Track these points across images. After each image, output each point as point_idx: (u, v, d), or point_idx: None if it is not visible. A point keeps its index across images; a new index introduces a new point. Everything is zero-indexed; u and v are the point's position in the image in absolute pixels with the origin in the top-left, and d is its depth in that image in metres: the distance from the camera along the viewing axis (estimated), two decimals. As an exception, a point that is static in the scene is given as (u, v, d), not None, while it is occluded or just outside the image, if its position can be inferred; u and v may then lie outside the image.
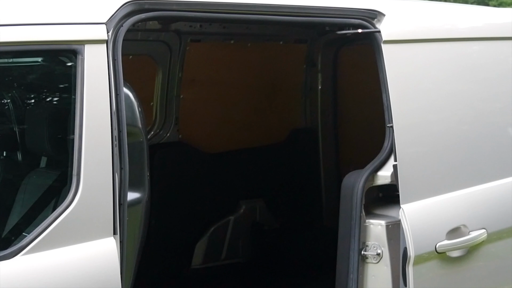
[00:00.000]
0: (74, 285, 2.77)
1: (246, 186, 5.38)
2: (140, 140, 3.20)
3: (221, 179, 5.27)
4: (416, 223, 3.43)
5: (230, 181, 5.30)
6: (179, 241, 5.16)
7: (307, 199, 5.57)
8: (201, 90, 5.18)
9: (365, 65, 4.24)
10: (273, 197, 5.49)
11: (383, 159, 3.61)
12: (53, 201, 3.08)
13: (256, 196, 5.46)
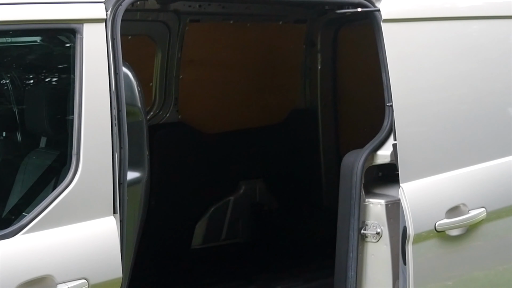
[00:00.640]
0: (74, 264, 2.77)
1: (246, 166, 5.38)
2: (139, 120, 3.20)
3: (220, 159, 5.27)
4: (415, 202, 3.43)
5: (229, 161, 5.30)
6: (179, 222, 5.17)
7: (306, 179, 5.58)
8: (200, 71, 5.16)
9: (365, 45, 4.23)
10: (272, 178, 5.50)
11: (382, 138, 3.61)
12: (53, 180, 3.08)
13: (256, 176, 5.47)
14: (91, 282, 2.78)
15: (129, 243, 3.06)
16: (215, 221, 5.33)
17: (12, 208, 3.18)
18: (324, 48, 5.54)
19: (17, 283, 2.65)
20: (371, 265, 3.67)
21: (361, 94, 5.33)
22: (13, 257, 2.69)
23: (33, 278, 2.68)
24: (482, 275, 3.81)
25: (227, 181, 5.36)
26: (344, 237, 3.66)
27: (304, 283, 4.71)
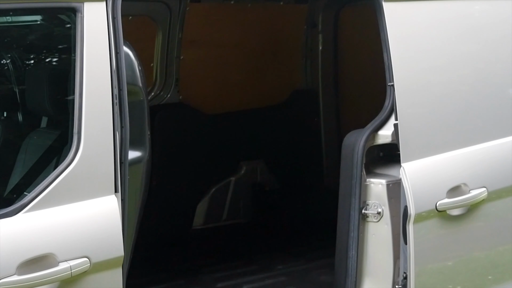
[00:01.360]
0: (75, 243, 2.78)
1: (247, 147, 5.39)
2: (140, 99, 3.20)
3: (221, 140, 5.28)
4: (416, 182, 3.43)
5: (230, 142, 5.31)
6: (180, 202, 5.18)
7: (307, 160, 5.58)
8: (201, 51, 5.16)
9: (366, 25, 4.22)
10: (273, 158, 5.50)
11: (384, 118, 3.60)
12: (54, 160, 3.09)
13: (257, 157, 5.47)
14: (92, 260, 2.78)
15: (131, 222, 3.06)
16: (216, 202, 5.34)
17: (14, 188, 3.19)
18: (325, 29, 5.53)
19: (19, 261, 2.66)
20: (372, 245, 3.68)
21: (362, 74, 5.33)
22: (14, 235, 2.69)
23: (35, 256, 2.69)
24: (483, 255, 3.82)
25: (228, 161, 5.36)
26: (345, 217, 3.67)
27: (305, 262, 4.73)
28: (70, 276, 2.73)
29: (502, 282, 3.88)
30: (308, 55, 5.60)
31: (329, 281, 4.04)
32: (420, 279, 3.49)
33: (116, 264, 2.87)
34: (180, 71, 5.09)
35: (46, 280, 2.70)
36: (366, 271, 3.70)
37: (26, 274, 2.66)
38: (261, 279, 4.49)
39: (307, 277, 4.49)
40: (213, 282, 4.46)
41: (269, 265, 4.72)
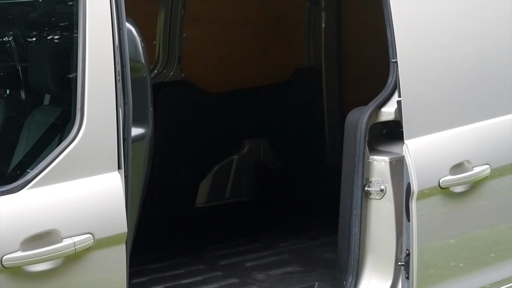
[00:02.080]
0: (79, 219, 2.78)
1: (250, 125, 5.39)
2: (143, 76, 3.19)
3: (224, 118, 5.27)
4: (419, 159, 3.43)
5: (233, 120, 5.30)
6: (183, 180, 5.18)
7: (310, 138, 5.58)
8: (203, 29, 5.14)
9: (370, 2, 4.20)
10: (276, 136, 5.50)
11: (387, 95, 3.60)
12: (58, 136, 3.08)
13: (260, 135, 5.47)
14: (96, 237, 2.79)
15: (134, 199, 3.06)
16: (219, 180, 5.34)
17: (17, 165, 3.19)
18: (328, 6, 5.51)
19: (23, 237, 2.67)
20: (375, 222, 3.68)
21: (365, 52, 5.31)
22: (18, 211, 2.70)
23: (39, 232, 2.70)
24: (485, 232, 3.82)
25: (231, 140, 5.36)
26: (348, 194, 3.68)
27: (308, 240, 4.74)
28: (74, 252, 2.74)
29: (504, 259, 3.89)
30: (311, 33, 5.58)
31: (332, 258, 4.05)
32: (423, 256, 3.49)
33: (120, 240, 2.88)
34: (182, 49, 5.08)
35: (50, 256, 2.71)
36: (368, 248, 3.71)
37: (30, 250, 2.67)
38: (264, 256, 4.51)
39: (310, 255, 4.50)
40: (216, 259, 4.47)
41: (272, 243, 4.73)
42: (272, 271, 4.27)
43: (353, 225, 3.66)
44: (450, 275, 3.68)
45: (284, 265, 4.35)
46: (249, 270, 4.29)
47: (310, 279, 4.03)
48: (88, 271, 2.83)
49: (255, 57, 5.37)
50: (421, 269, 3.48)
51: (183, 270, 4.29)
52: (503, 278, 3.85)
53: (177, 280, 4.13)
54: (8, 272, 2.66)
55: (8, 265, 2.64)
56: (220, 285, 4.07)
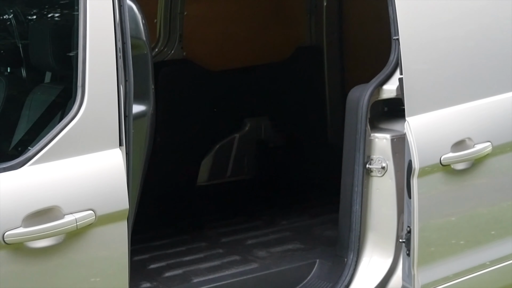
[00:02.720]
0: (81, 195, 2.79)
1: (251, 103, 5.38)
2: (144, 53, 3.18)
3: (225, 96, 5.27)
4: (421, 136, 3.42)
5: (234, 98, 5.30)
6: (184, 159, 5.19)
7: (312, 116, 5.58)
8: (205, 7, 5.13)
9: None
10: (278, 115, 5.50)
11: (388, 73, 3.59)
12: (59, 113, 3.08)
13: (261, 113, 5.47)
14: (98, 213, 2.80)
15: (135, 176, 3.07)
16: (220, 158, 5.35)
17: (18, 142, 3.19)
18: (330, -16, 5.49)
19: (25, 213, 2.67)
20: (376, 199, 3.69)
21: (367, 30, 5.29)
22: (20, 188, 2.70)
23: (40, 208, 2.70)
24: (486, 210, 3.83)
25: (232, 118, 5.36)
26: (349, 171, 3.68)
27: (309, 218, 4.75)
28: (76, 229, 2.75)
29: (505, 237, 3.89)
30: (313, 11, 5.56)
31: (333, 236, 4.06)
32: (424, 233, 3.50)
33: (121, 217, 2.88)
34: (183, 27, 5.06)
35: (52, 233, 2.71)
36: (370, 226, 3.72)
37: (31, 226, 2.67)
38: (265, 234, 4.52)
39: (311, 232, 4.51)
40: (217, 237, 4.49)
41: (273, 220, 4.75)
42: (273, 249, 4.28)
43: (354, 202, 3.67)
44: (451, 252, 3.69)
45: (285, 243, 4.37)
46: (251, 247, 4.31)
47: (311, 256, 4.04)
48: (90, 247, 2.84)
49: (257, 36, 5.36)
50: (422, 246, 3.49)
51: (184, 248, 4.31)
52: (503, 255, 3.86)
53: (179, 258, 4.14)
54: (10, 248, 2.66)
55: (10, 241, 2.65)
56: (221, 262, 4.09)
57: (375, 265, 3.71)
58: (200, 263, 4.08)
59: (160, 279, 3.87)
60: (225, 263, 4.07)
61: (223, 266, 4.02)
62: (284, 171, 5.44)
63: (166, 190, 5.03)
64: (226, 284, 3.73)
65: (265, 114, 5.47)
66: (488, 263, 3.80)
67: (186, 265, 4.04)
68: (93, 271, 2.88)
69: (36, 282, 2.76)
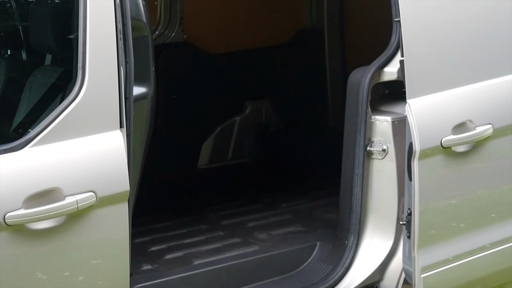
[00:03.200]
0: (81, 177, 2.79)
1: (252, 87, 5.38)
2: (144, 35, 3.17)
3: (226, 79, 5.26)
4: (422, 118, 3.42)
5: (235, 81, 5.29)
6: (185, 142, 5.19)
7: (312, 99, 5.57)
8: (205, -10, 5.12)
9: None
10: (279, 98, 5.49)
11: (390, 55, 3.59)
12: (59, 95, 3.08)
13: (262, 97, 5.46)
14: (98, 195, 2.80)
15: (136, 158, 3.07)
16: (221, 141, 5.35)
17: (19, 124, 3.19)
18: (331, -34, 5.47)
19: (26, 195, 2.68)
20: (377, 182, 3.69)
21: (368, 12, 5.27)
22: (21, 169, 2.70)
23: (41, 190, 2.70)
24: (486, 193, 3.83)
25: (233, 101, 5.35)
26: (350, 154, 3.68)
27: (310, 201, 4.75)
28: (77, 210, 2.75)
29: (505, 220, 3.90)
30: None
31: (334, 218, 4.07)
32: (424, 216, 3.50)
33: (122, 198, 2.88)
34: (184, 9, 5.05)
35: (53, 214, 2.72)
36: (370, 208, 3.73)
37: (32, 208, 2.68)
38: (266, 216, 4.52)
39: (312, 215, 4.52)
40: (218, 219, 4.50)
41: (273, 203, 4.75)
42: (274, 231, 4.29)
43: (355, 185, 3.67)
44: (451, 235, 3.70)
45: (286, 225, 4.38)
46: (251, 230, 4.31)
47: (311, 238, 4.05)
48: (91, 229, 2.85)
49: (257, 18, 5.34)
50: (423, 229, 3.49)
51: (185, 230, 4.31)
52: (503, 238, 3.87)
53: (180, 240, 4.15)
54: (11, 230, 2.67)
55: (11, 223, 2.65)
56: (222, 244, 4.09)
57: (375, 248, 3.72)
58: (201, 245, 4.08)
59: (161, 261, 3.88)
60: (226, 246, 4.08)
61: (223, 249, 4.03)
62: (284, 154, 5.44)
63: (167, 173, 5.03)
64: (227, 266, 3.74)
65: (266, 97, 5.47)
66: (488, 245, 3.81)
67: (187, 248, 4.05)
68: (94, 253, 2.89)
69: (37, 263, 2.77)
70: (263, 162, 5.44)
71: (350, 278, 3.70)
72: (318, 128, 5.53)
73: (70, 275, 2.84)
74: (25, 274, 2.75)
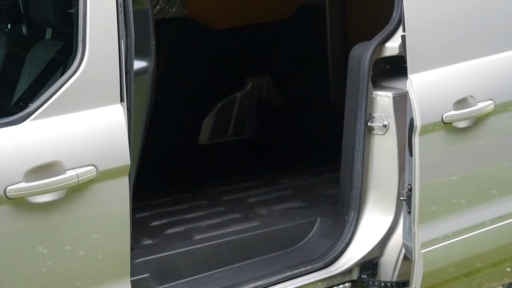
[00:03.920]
0: (82, 151, 2.79)
1: (253, 62, 5.36)
2: (145, 8, 3.16)
3: (227, 55, 5.25)
4: (423, 94, 3.40)
5: (236, 57, 5.28)
6: (185, 117, 5.19)
7: (313, 75, 5.56)
8: (206, -37, 5.09)
9: None
10: (279, 74, 5.48)
11: (391, 30, 3.57)
12: (60, 70, 3.07)
13: (263, 72, 5.45)
14: (99, 169, 2.80)
15: (137, 132, 3.07)
16: (222, 117, 5.34)
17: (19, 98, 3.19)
18: None
19: (26, 168, 2.67)
20: (378, 158, 3.69)
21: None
22: (21, 143, 2.70)
23: (42, 163, 2.70)
24: (487, 170, 3.82)
25: (234, 77, 5.34)
26: (351, 129, 3.68)
27: (310, 177, 4.75)
28: (77, 184, 2.75)
29: (505, 196, 3.90)
30: (315, -32, 5.52)
31: (334, 194, 4.07)
32: (425, 192, 3.50)
33: (123, 172, 2.88)
34: (185, -16, 5.03)
35: (53, 188, 2.72)
36: (371, 184, 3.73)
37: (33, 181, 2.68)
38: (266, 192, 4.53)
39: (312, 191, 4.52)
40: (219, 195, 4.50)
41: (274, 179, 4.75)
42: (274, 207, 4.29)
43: (356, 160, 3.67)
44: (452, 211, 3.70)
45: (287, 201, 4.38)
46: (252, 205, 4.32)
47: (312, 214, 4.05)
48: (92, 203, 2.85)
49: (258, -6, 5.32)
50: (423, 205, 3.49)
51: (186, 205, 4.32)
52: (503, 214, 3.87)
53: (180, 215, 4.16)
54: (12, 203, 2.67)
55: (11, 196, 2.65)
56: (222, 220, 4.10)
57: (375, 223, 3.73)
58: (201, 220, 4.09)
59: (161, 236, 3.89)
60: (226, 221, 4.08)
61: (224, 224, 4.04)
62: (285, 130, 5.44)
63: (167, 148, 5.04)
64: (227, 241, 3.75)
65: (267, 73, 5.46)
66: (488, 222, 3.81)
67: (188, 223, 4.05)
68: (95, 227, 2.89)
69: (37, 237, 2.77)
70: (264, 138, 5.44)
71: (350, 254, 3.71)
72: (319, 104, 5.52)
73: (71, 249, 2.85)
74: (25, 248, 2.76)
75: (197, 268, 3.59)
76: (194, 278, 3.56)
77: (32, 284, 2.79)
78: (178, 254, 3.61)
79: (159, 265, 3.50)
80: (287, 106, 5.53)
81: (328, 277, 3.66)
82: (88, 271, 2.90)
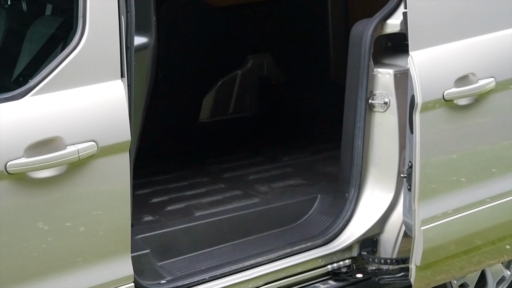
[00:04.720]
0: (83, 126, 2.78)
1: (254, 40, 5.35)
2: (146, -16, 3.14)
3: (228, 33, 5.23)
4: (424, 71, 3.39)
5: (237, 35, 5.26)
6: (186, 95, 5.18)
7: (314, 53, 5.55)
8: None
9: None
10: (280, 52, 5.47)
11: (393, 7, 3.56)
12: (60, 45, 3.06)
13: (264, 50, 5.44)
14: (100, 144, 2.79)
15: (137, 108, 3.06)
16: (222, 95, 5.34)
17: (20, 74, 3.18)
18: None
19: (27, 143, 2.67)
20: (378, 135, 3.69)
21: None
22: (22, 118, 2.69)
23: (42, 139, 2.70)
24: (487, 148, 3.82)
25: (235, 55, 5.33)
26: (351, 107, 3.67)
27: (311, 154, 4.76)
28: (78, 160, 2.75)
29: (506, 174, 3.90)
30: None
31: (335, 172, 4.08)
32: (425, 170, 3.50)
33: (123, 148, 2.88)
34: (185, -40, 5.01)
35: (54, 163, 2.72)
36: (371, 161, 3.73)
37: (33, 157, 2.68)
38: (267, 170, 4.53)
39: (313, 168, 4.53)
40: (219, 172, 4.50)
41: (275, 157, 4.76)
42: (274, 184, 4.30)
43: (356, 137, 3.67)
44: (452, 188, 3.70)
45: (287, 178, 4.38)
46: (252, 182, 4.32)
47: (312, 191, 4.06)
48: (92, 179, 2.85)
49: (260, -30, 5.30)
50: (423, 182, 3.49)
51: (186, 183, 4.33)
52: (503, 192, 3.87)
53: (181, 192, 4.17)
54: (12, 178, 2.67)
55: (12, 171, 2.65)
56: (223, 196, 4.11)
57: (376, 200, 3.73)
58: (202, 197, 4.10)
59: (162, 212, 3.90)
60: (227, 198, 4.09)
61: (224, 201, 4.05)
62: (286, 108, 5.44)
63: (168, 125, 5.04)
64: (228, 218, 3.76)
65: (268, 50, 5.44)
66: (488, 199, 3.81)
67: (188, 200, 4.06)
68: (95, 203, 2.89)
69: (38, 213, 2.77)
70: (265, 116, 5.44)
71: (351, 231, 3.72)
72: (320, 81, 5.51)
73: (72, 226, 2.85)
74: (26, 223, 2.76)
75: (198, 244, 3.60)
76: (194, 254, 3.57)
77: (33, 260, 2.79)
78: (179, 231, 3.62)
79: (159, 241, 3.52)
80: (288, 83, 5.52)
81: (328, 253, 3.67)
82: (88, 247, 2.91)
